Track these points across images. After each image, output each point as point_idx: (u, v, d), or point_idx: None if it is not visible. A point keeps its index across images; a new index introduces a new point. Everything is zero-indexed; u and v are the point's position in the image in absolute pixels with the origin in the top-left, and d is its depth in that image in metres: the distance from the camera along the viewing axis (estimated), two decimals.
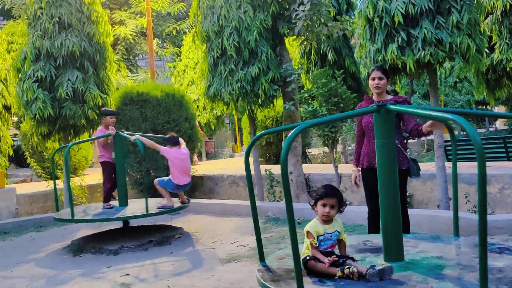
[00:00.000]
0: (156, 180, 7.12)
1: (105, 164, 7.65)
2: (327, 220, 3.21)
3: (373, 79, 4.73)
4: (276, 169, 10.26)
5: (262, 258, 3.50)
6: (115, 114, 8.04)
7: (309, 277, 3.02)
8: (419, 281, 2.81)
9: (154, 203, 7.59)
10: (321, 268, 3.01)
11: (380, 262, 3.18)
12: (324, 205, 3.20)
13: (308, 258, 3.09)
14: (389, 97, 4.81)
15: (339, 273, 2.93)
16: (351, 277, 2.88)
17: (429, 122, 4.16)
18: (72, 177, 10.10)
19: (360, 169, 5.00)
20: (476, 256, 3.22)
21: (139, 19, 21.53)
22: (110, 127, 7.60)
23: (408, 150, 4.85)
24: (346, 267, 2.93)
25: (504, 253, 3.30)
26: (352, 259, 3.07)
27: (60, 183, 10.35)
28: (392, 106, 3.15)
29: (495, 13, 9.39)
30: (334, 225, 3.22)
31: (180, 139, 7.27)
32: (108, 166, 7.63)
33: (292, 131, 2.62)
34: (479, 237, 2.18)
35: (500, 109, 29.97)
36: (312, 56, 12.44)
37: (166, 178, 7.10)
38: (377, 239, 3.87)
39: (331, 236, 3.17)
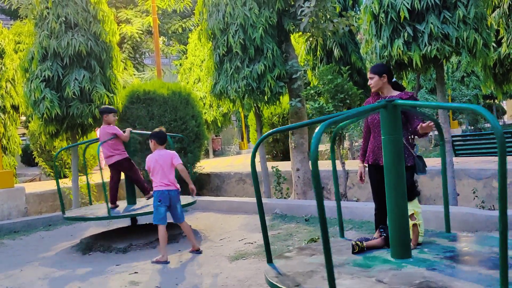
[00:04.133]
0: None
1: (127, 160, 7.36)
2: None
3: (369, 79, 4.79)
4: (283, 166, 10.27)
5: (270, 259, 3.52)
6: (115, 111, 7.71)
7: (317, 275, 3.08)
8: (428, 276, 2.82)
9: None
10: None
11: (385, 257, 3.20)
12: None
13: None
14: (396, 93, 4.79)
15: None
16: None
17: (423, 124, 4.17)
18: (80, 175, 10.14)
19: (366, 165, 4.99)
20: (488, 252, 3.22)
21: (145, 18, 21.55)
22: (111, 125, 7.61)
23: (415, 146, 4.83)
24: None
25: None
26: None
27: (68, 182, 10.41)
28: (399, 101, 3.15)
29: (502, 6, 9.31)
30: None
31: None
32: (129, 161, 7.39)
33: (318, 128, 2.59)
34: (500, 232, 2.17)
35: (508, 103, 29.77)
36: (318, 52, 12.41)
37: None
38: None
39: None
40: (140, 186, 7.48)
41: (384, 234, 3.63)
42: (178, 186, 6.12)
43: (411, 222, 3.47)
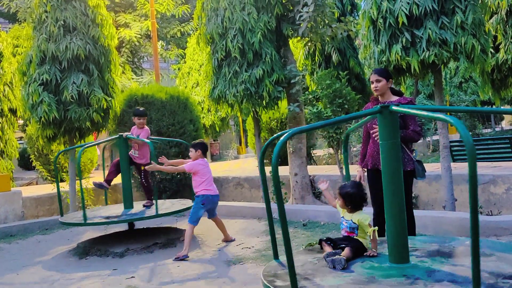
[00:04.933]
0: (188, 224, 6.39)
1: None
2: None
3: (372, 82, 4.78)
4: (281, 170, 10.24)
5: (276, 255, 3.73)
6: (138, 114, 7.71)
7: (310, 276, 3.19)
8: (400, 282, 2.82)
9: (159, 205, 7.61)
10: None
11: (383, 263, 3.19)
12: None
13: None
14: (395, 98, 4.81)
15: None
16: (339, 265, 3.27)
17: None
18: (77, 179, 10.11)
19: (365, 169, 5.00)
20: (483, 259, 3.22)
21: (144, 22, 21.57)
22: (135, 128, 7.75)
23: (414, 151, 4.84)
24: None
25: None
26: (342, 249, 3.41)
27: (65, 186, 10.38)
28: (394, 108, 3.14)
29: (500, 12, 9.34)
30: (354, 216, 3.60)
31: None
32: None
33: (282, 137, 2.71)
34: (471, 238, 2.22)
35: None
36: (316, 57, 12.42)
37: (192, 209, 6.44)
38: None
39: (345, 222, 3.61)
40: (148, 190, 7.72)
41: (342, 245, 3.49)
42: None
43: (371, 229, 3.47)
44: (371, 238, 3.49)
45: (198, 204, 6.36)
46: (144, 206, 7.58)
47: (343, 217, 3.68)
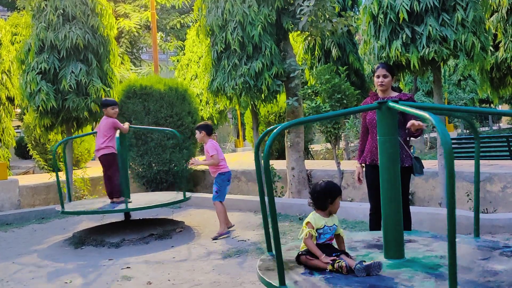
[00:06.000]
0: (215, 202, 6.69)
1: (113, 156, 7.22)
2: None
3: (378, 76, 4.71)
4: (277, 164, 10.27)
5: (269, 248, 3.56)
6: (116, 104, 7.48)
7: (302, 269, 3.10)
8: (405, 279, 2.81)
9: (155, 196, 7.62)
10: (314, 263, 3.10)
11: (379, 259, 3.18)
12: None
13: (300, 253, 3.20)
14: (394, 94, 4.80)
15: (329, 267, 3.00)
16: (340, 271, 2.95)
17: (415, 122, 4.12)
18: (74, 169, 10.11)
19: (363, 165, 5.00)
20: (478, 258, 3.23)
21: (144, 12, 21.49)
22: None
23: (412, 147, 4.84)
24: (336, 261, 3.00)
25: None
26: (347, 254, 3.14)
27: (62, 176, 10.36)
28: (392, 104, 3.14)
29: (500, 11, 9.34)
30: (333, 219, 3.29)
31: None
32: (116, 157, 7.24)
33: (273, 132, 2.69)
34: (448, 234, 2.24)
35: (504, 108, 29.89)
36: (316, 52, 12.41)
37: (216, 187, 6.65)
38: None
39: (330, 229, 3.25)
40: (113, 187, 7.22)
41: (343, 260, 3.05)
42: None
43: (342, 231, 3.30)
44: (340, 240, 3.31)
45: (223, 181, 6.69)
46: (113, 202, 7.28)
47: (325, 225, 3.21)
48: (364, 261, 2.95)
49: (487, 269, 2.93)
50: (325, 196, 3.27)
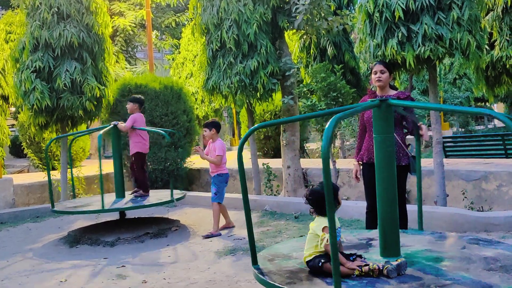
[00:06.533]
0: (213, 202, 6.78)
1: (139, 154, 7.53)
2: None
3: (375, 72, 4.68)
4: (273, 163, 10.26)
5: (254, 260, 3.31)
6: (133, 101, 7.66)
7: (318, 277, 2.92)
8: (432, 277, 2.81)
9: (151, 195, 7.60)
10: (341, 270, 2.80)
11: (375, 257, 3.18)
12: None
13: (323, 261, 2.96)
14: (393, 92, 4.79)
15: (356, 272, 2.87)
16: (371, 275, 2.83)
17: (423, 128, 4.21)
18: (68, 168, 10.06)
19: (361, 163, 4.99)
20: (470, 253, 3.23)
21: (139, 11, 21.41)
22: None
23: (409, 146, 4.83)
24: (363, 265, 2.89)
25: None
26: (360, 256, 3.05)
27: (57, 174, 10.33)
28: (393, 101, 3.13)
29: (496, 9, 9.34)
30: (337, 221, 3.10)
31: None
32: (141, 156, 7.56)
33: (329, 123, 2.47)
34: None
35: (499, 106, 30.02)
36: (311, 50, 12.40)
37: (215, 189, 6.73)
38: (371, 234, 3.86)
39: (339, 232, 3.11)
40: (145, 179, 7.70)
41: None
42: None
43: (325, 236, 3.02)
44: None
45: (221, 182, 6.76)
46: (132, 194, 7.58)
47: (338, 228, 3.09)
48: (390, 261, 2.90)
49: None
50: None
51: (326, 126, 2.48)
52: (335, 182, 8.76)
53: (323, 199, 2.93)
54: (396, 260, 2.91)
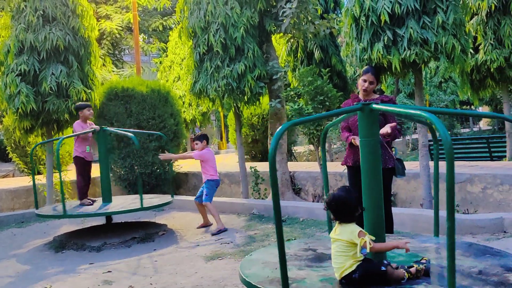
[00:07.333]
0: (206, 203, 7.14)
1: (77, 159, 7.38)
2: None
3: (365, 80, 4.72)
4: (261, 166, 10.25)
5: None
6: (91, 106, 7.79)
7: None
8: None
9: (137, 199, 7.56)
10: (396, 275, 2.82)
11: None
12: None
13: (381, 268, 2.85)
14: (375, 96, 4.82)
15: (407, 275, 2.84)
16: (418, 276, 2.84)
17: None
18: (55, 172, 9.97)
19: (345, 166, 5.02)
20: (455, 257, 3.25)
21: (125, 14, 21.33)
22: (88, 121, 7.57)
23: (393, 149, 4.86)
24: (409, 267, 2.88)
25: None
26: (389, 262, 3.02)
27: (42, 179, 10.23)
28: (375, 106, 3.15)
29: (480, 14, 9.46)
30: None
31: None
32: (79, 161, 7.36)
33: (279, 129, 2.61)
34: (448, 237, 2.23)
35: (484, 109, 30.31)
36: (298, 54, 12.44)
37: (206, 191, 7.13)
38: None
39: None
40: (79, 188, 7.41)
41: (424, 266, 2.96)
42: None
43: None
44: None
45: (213, 187, 7.19)
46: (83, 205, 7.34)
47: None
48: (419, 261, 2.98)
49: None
50: (356, 204, 3.00)
51: (277, 130, 2.56)
52: (322, 185, 8.78)
53: (344, 205, 2.93)
54: (423, 258, 2.99)
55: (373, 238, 2.91)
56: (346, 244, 2.87)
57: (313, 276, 3.06)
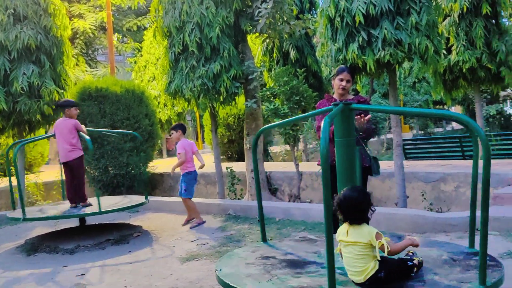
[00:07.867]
0: (185, 198, 7.24)
1: (81, 158, 7.08)
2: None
3: (341, 80, 4.66)
4: (237, 167, 10.23)
5: (264, 238, 3.76)
6: (78, 105, 7.58)
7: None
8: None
9: (111, 201, 7.45)
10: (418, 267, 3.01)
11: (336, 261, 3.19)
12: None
13: (412, 264, 2.94)
14: (351, 96, 4.84)
15: (415, 269, 2.96)
16: (420, 267, 2.99)
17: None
18: (27, 174, 9.78)
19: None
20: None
21: (99, 13, 21.06)
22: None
23: (367, 149, 4.89)
24: (412, 259, 2.99)
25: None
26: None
27: (13, 181, 10.02)
28: (355, 105, 3.17)
29: (452, 15, 9.61)
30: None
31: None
32: (82, 159, 7.12)
33: (254, 137, 2.62)
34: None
35: (456, 109, 30.84)
36: (274, 54, 12.46)
37: (185, 186, 7.15)
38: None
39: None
40: (81, 191, 7.10)
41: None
42: None
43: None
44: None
45: (190, 180, 7.15)
46: (84, 207, 7.11)
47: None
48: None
49: None
50: (368, 204, 2.96)
51: (253, 138, 2.56)
52: (298, 185, 8.81)
53: (354, 206, 2.90)
54: (409, 252, 3.09)
55: (389, 239, 2.94)
56: (365, 246, 2.85)
57: (323, 282, 2.92)
